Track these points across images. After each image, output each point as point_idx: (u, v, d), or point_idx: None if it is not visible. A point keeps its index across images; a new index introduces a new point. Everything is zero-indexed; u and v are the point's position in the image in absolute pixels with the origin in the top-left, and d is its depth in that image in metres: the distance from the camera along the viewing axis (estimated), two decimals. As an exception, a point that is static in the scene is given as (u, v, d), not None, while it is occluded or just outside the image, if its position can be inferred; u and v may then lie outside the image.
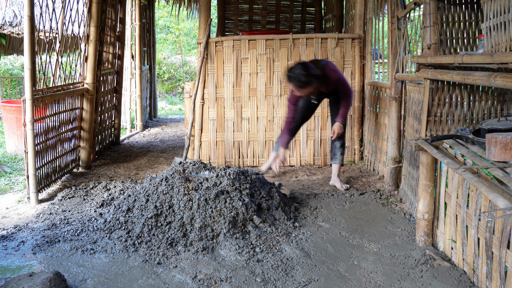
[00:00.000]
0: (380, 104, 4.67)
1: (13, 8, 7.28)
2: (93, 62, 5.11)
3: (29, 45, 3.78)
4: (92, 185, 4.35)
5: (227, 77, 5.14)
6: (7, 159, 5.58)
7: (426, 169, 2.99)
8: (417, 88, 3.50)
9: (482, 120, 3.04)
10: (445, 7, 3.06)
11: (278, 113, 5.19)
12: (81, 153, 5.06)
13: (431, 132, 3.14)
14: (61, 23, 4.67)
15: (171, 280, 2.63)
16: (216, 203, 3.21)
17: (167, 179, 3.43)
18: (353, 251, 3.01)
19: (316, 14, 7.72)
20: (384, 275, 2.66)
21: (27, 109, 3.84)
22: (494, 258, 2.23)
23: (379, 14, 4.95)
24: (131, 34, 7.89)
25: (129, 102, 8.14)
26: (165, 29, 15.11)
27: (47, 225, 3.41)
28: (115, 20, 5.97)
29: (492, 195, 1.97)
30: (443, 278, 2.57)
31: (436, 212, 3.00)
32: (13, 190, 4.38)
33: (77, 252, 2.97)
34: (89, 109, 5.07)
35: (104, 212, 3.54)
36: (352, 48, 5.16)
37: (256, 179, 3.62)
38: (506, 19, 2.07)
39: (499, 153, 2.21)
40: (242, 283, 2.59)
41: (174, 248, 2.98)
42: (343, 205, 3.86)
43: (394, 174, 4.17)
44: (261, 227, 3.23)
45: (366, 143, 5.16)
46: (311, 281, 2.61)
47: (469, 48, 3.07)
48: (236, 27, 7.64)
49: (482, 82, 2.21)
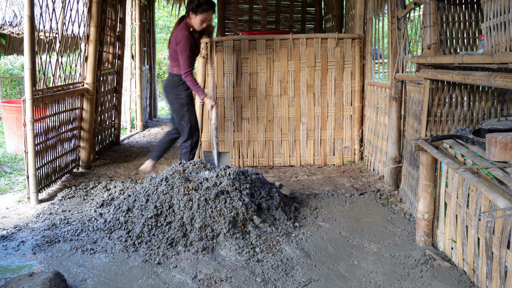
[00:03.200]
0: (380, 104, 4.67)
1: (13, 8, 7.28)
2: (93, 62, 5.11)
3: (29, 45, 3.78)
4: (92, 185, 4.35)
5: (227, 77, 5.14)
6: (7, 159, 5.58)
7: (426, 169, 2.99)
8: (417, 88, 3.50)
9: (482, 120, 3.04)
10: (445, 7, 3.06)
11: (278, 113, 5.19)
12: (81, 153, 5.06)
13: (431, 132, 3.14)
14: (61, 23, 4.67)
15: (171, 280, 2.63)
16: (216, 203, 3.21)
17: (167, 179, 3.43)
18: (353, 251, 3.01)
19: (316, 14, 7.72)
20: (384, 275, 2.66)
21: (27, 109, 3.84)
22: (494, 258, 2.23)
23: (379, 14, 4.95)
24: (131, 34, 7.89)
25: (129, 102, 8.14)
26: (165, 29, 15.12)
27: (47, 225, 3.41)
28: (115, 20, 5.97)
29: (492, 195, 1.97)
30: (443, 278, 2.57)
31: (436, 212, 3.00)
32: (13, 190, 4.38)
33: (77, 252, 2.97)
34: (89, 109, 5.07)
35: (104, 212, 3.54)
36: (352, 48, 5.16)
37: (256, 179, 3.62)
38: (506, 19, 2.07)
39: (499, 153, 2.21)
40: (242, 283, 2.59)
41: (174, 248, 2.98)
42: (343, 205, 3.86)
43: (394, 174, 4.17)
44: (261, 227, 3.23)
45: (366, 143, 5.16)
46: (311, 281, 2.61)
47: (469, 48, 3.07)
48: (236, 27, 7.63)
49: (482, 82, 2.21)
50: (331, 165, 5.25)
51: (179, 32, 4.21)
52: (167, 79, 4.44)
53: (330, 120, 5.22)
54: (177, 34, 4.22)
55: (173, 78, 4.35)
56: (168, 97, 4.43)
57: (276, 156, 5.24)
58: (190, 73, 4.20)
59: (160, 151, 4.58)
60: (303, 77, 5.16)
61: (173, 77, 4.36)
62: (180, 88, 4.33)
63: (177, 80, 4.32)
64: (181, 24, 4.27)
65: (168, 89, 4.39)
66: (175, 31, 4.27)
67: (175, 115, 4.41)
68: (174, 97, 4.36)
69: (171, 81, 4.36)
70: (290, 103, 5.19)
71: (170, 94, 4.37)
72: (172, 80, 4.36)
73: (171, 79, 4.37)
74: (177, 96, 4.33)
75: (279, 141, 5.23)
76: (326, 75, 5.17)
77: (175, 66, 4.33)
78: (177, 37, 4.20)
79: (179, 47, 4.18)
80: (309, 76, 5.17)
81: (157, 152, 4.59)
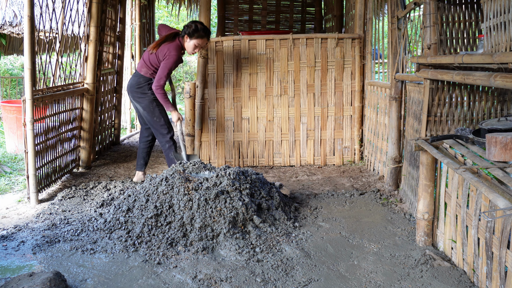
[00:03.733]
0: (380, 104, 4.67)
1: (13, 8, 7.28)
2: (93, 62, 5.11)
3: (29, 45, 3.78)
4: (92, 185, 4.35)
5: (227, 77, 5.13)
6: (7, 159, 5.58)
7: (426, 169, 2.99)
8: (417, 88, 3.50)
9: (482, 120, 3.04)
10: (445, 7, 3.06)
11: (278, 113, 5.19)
12: (81, 153, 5.06)
13: (431, 132, 3.14)
14: (61, 23, 4.67)
15: (171, 280, 2.63)
16: (216, 203, 3.21)
17: (167, 179, 3.43)
18: (353, 251, 3.01)
19: (316, 14, 7.72)
20: (384, 275, 2.66)
21: (27, 109, 3.84)
22: (494, 258, 2.23)
23: (379, 14, 4.95)
24: (131, 34, 7.89)
25: (129, 102, 8.14)
26: (165, 29, 15.10)
27: (47, 225, 3.41)
28: (115, 20, 5.97)
29: (492, 195, 1.97)
30: (443, 278, 2.57)
31: (436, 212, 3.00)
32: (13, 190, 4.38)
33: (77, 252, 2.97)
34: (89, 109, 5.07)
35: (104, 212, 3.54)
36: (352, 48, 5.16)
37: (256, 179, 3.62)
38: (506, 19, 2.07)
39: (499, 153, 2.21)
40: (242, 283, 2.59)
41: (174, 248, 2.98)
42: (343, 205, 3.86)
43: (394, 174, 4.17)
44: (261, 227, 3.23)
45: (366, 143, 5.16)
46: (311, 281, 2.61)
47: (469, 48, 3.07)
48: (236, 27, 7.64)
49: (482, 82, 2.21)
50: (331, 165, 5.25)
51: (171, 49, 4.22)
52: (132, 79, 4.38)
53: (330, 120, 5.22)
54: (168, 50, 4.22)
55: (139, 78, 4.32)
56: (134, 97, 4.36)
57: (276, 156, 5.24)
58: (162, 87, 4.23)
59: (143, 158, 4.57)
60: (303, 77, 5.16)
61: (139, 78, 4.33)
62: (145, 88, 4.31)
63: (142, 81, 4.30)
64: (176, 41, 4.28)
65: (133, 88, 4.34)
66: (168, 46, 4.25)
67: (146, 113, 4.34)
68: (140, 95, 4.32)
69: (137, 82, 4.33)
70: (290, 103, 5.19)
71: (136, 93, 4.33)
72: (137, 80, 4.32)
73: (137, 79, 4.33)
74: (144, 94, 4.31)
75: (279, 141, 5.23)
76: (326, 75, 5.18)
77: (145, 68, 4.31)
78: (166, 52, 4.22)
79: (164, 62, 4.21)
80: (309, 76, 5.17)
81: (141, 161, 4.57)
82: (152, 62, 4.30)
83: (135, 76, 4.39)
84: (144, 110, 4.35)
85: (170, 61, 4.20)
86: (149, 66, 4.31)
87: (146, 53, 4.38)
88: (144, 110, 4.34)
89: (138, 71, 4.37)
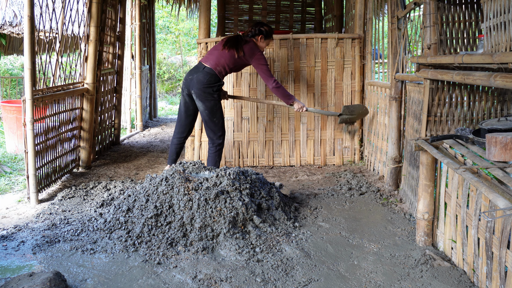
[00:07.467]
0: (380, 104, 4.67)
1: (13, 8, 7.27)
2: (93, 62, 5.11)
3: (29, 45, 3.78)
4: (92, 185, 4.35)
5: (227, 77, 5.13)
6: (7, 159, 5.58)
7: (426, 169, 2.99)
8: (417, 88, 3.50)
9: (482, 120, 3.04)
10: (445, 7, 3.06)
11: (278, 113, 5.19)
12: (81, 153, 5.06)
13: (431, 132, 3.14)
14: (61, 23, 4.67)
15: (171, 280, 2.63)
16: (216, 203, 3.21)
17: (167, 179, 3.43)
18: (353, 251, 3.01)
19: (316, 14, 7.72)
20: (384, 275, 2.66)
21: (27, 109, 3.84)
22: (494, 258, 2.23)
23: (379, 14, 4.95)
24: (131, 34, 7.89)
25: (129, 102, 8.14)
26: (165, 29, 15.12)
27: (47, 225, 3.41)
28: (115, 20, 5.97)
29: (492, 195, 1.97)
30: (443, 278, 2.57)
31: (436, 212, 3.00)
32: (13, 190, 4.38)
33: (77, 252, 2.97)
34: (89, 109, 5.07)
35: (104, 212, 3.54)
36: (352, 48, 5.16)
37: (256, 179, 3.62)
38: (506, 19, 2.07)
39: (499, 153, 2.21)
40: (242, 283, 2.59)
41: (174, 248, 2.98)
42: (343, 205, 3.87)
43: (394, 174, 4.17)
44: (261, 227, 3.23)
45: (366, 143, 5.16)
46: (311, 281, 2.61)
47: (469, 48, 3.07)
48: (236, 27, 7.63)
49: (482, 82, 2.21)
50: (331, 165, 5.25)
51: (255, 48, 4.36)
52: (202, 76, 4.21)
53: (330, 120, 5.21)
54: (252, 49, 4.34)
55: (211, 77, 4.21)
56: (199, 95, 4.21)
57: (276, 156, 5.24)
58: (278, 82, 4.42)
59: (176, 154, 4.53)
60: (303, 77, 5.16)
61: (211, 76, 4.21)
62: (214, 87, 4.23)
63: (213, 80, 4.22)
64: (251, 43, 4.39)
65: (201, 86, 4.19)
66: (252, 47, 4.34)
67: (207, 112, 4.25)
68: (208, 96, 4.22)
69: (208, 80, 4.19)
70: (290, 103, 5.18)
71: (204, 92, 4.20)
72: (209, 79, 4.19)
73: (208, 78, 4.20)
74: (211, 96, 4.24)
75: (279, 141, 5.23)
76: (326, 75, 5.18)
77: (220, 67, 4.26)
78: (253, 51, 4.34)
79: (257, 60, 4.34)
80: (309, 76, 5.17)
81: (173, 156, 4.54)
82: (228, 62, 4.29)
83: (205, 72, 4.24)
84: (206, 110, 4.26)
85: (263, 58, 4.37)
86: (224, 65, 4.29)
87: (216, 51, 4.33)
88: (206, 109, 4.25)
89: (212, 68, 4.25)
